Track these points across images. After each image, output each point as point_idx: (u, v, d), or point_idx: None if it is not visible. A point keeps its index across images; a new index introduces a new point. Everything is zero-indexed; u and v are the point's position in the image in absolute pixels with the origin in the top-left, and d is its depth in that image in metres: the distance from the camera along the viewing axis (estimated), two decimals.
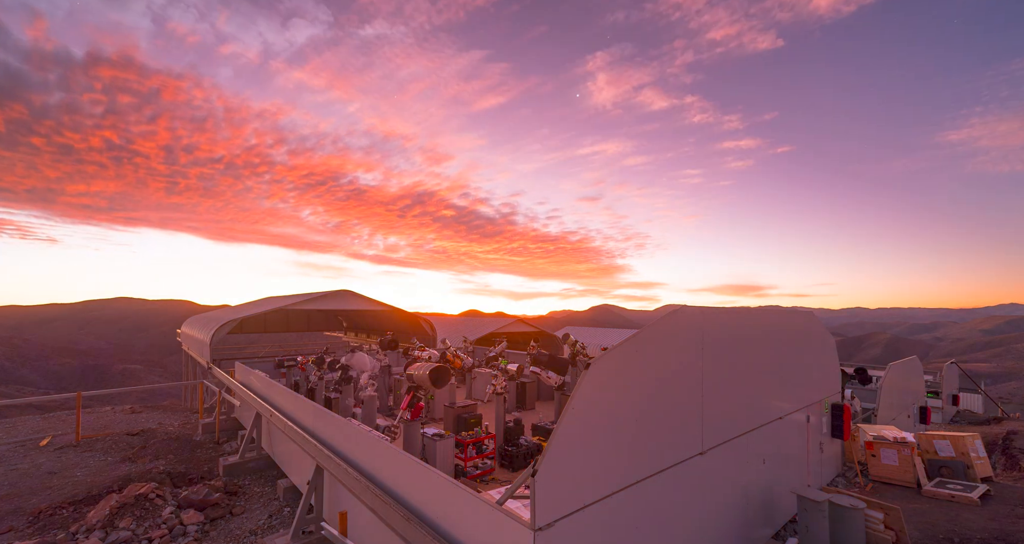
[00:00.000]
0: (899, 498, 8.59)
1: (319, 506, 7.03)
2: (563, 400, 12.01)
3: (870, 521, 6.66)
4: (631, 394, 4.76)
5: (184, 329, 24.77)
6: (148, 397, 54.66)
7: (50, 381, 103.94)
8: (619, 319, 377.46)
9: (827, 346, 9.60)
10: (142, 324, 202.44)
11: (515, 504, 4.22)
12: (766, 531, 6.98)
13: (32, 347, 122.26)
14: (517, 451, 9.88)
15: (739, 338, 6.65)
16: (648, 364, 5.00)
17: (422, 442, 9.01)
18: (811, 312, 9.26)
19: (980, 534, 6.98)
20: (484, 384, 15.97)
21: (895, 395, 13.90)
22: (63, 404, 27.12)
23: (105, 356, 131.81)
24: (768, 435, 7.19)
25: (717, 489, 6.00)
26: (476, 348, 22.51)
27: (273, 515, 8.48)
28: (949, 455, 9.68)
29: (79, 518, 8.17)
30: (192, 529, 7.92)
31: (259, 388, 11.50)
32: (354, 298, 21.43)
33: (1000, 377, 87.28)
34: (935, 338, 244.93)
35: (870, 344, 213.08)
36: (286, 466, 9.38)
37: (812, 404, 8.67)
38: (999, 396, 32.37)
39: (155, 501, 8.49)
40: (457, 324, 32.55)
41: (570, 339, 16.00)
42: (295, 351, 25.37)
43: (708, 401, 5.85)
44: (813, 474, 8.69)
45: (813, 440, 8.69)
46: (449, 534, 4.46)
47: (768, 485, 7.09)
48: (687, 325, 5.60)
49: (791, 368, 8.08)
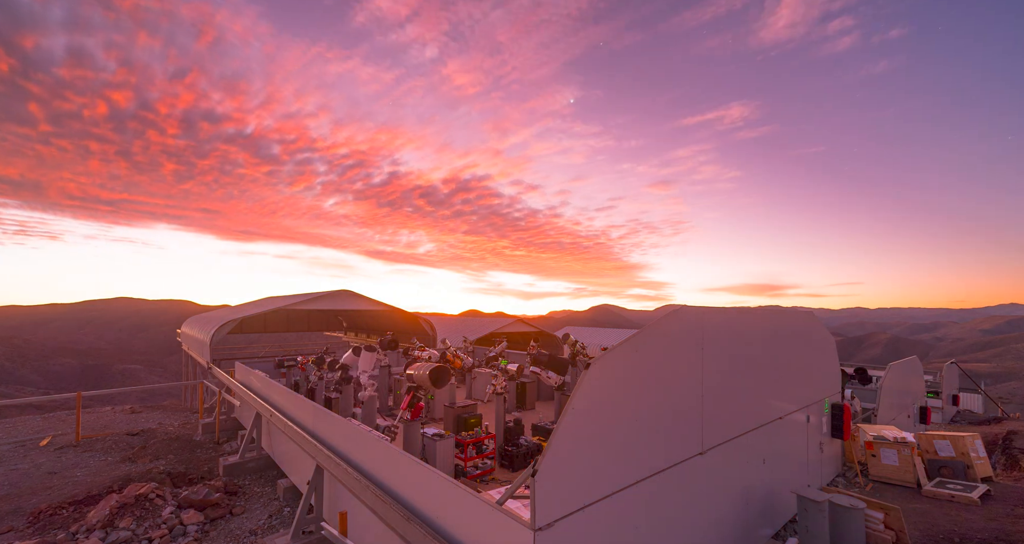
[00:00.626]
0: (899, 498, 8.59)
1: (319, 506, 7.03)
2: (563, 400, 12.01)
3: (870, 521, 6.66)
4: (631, 394, 4.76)
5: (184, 329, 24.78)
6: (148, 397, 54.65)
7: (50, 381, 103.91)
8: (619, 319, 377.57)
9: (827, 346, 9.60)
10: (142, 324, 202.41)
11: (515, 504, 4.22)
12: (766, 531, 6.98)
13: (32, 347, 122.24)
14: (517, 451, 9.88)
15: (739, 338, 6.65)
16: (648, 364, 4.99)
17: (422, 442, 9.01)
18: (811, 312, 9.26)
19: (980, 534, 6.98)
20: (484, 384, 15.96)
21: (895, 395, 13.90)
22: (63, 404, 27.12)
23: (105, 356, 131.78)
24: (768, 435, 7.18)
25: (717, 489, 6.00)
26: (476, 348, 22.50)
27: (273, 515, 8.48)
28: (949, 455, 9.68)
29: (79, 518, 8.17)
30: (192, 529, 7.92)
31: (259, 388, 11.50)
32: (354, 298, 21.42)
33: (1000, 377, 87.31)
34: (935, 338, 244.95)
35: (870, 344, 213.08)
36: (286, 466, 9.38)
37: (812, 404, 8.67)
38: (999, 396, 32.38)
39: (155, 501, 8.49)
40: (457, 324, 32.55)
41: (570, 339, 16.00)
42: (295, 351, 25.37)
43: (708, 401, 5.84)
44: (813, 474, 8.68)
45: (813, 440, 8.69)
46: (449, 534, 4.46)
47: (768, 485, 7.09)
48: (687, 325, 5.60)
49: (791, 368, 8.07)
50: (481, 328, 29.52)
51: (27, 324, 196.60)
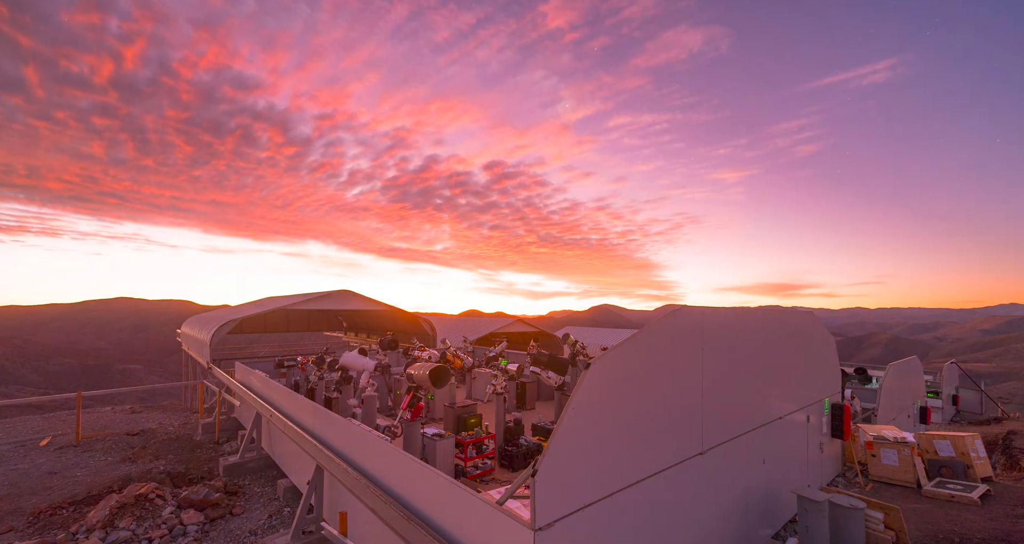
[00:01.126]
0: (899, 498, 8.59)
1: (319, 506, 7.03)
2: (563, 400, 12.01)
3: (870, 521, 6.66)
4: (631, 394, 4.76)
5: (184, 329, 24.79)
6: (148, 397, 54.67)
7: (50, 381, 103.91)
8: (619, 319, 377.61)
9: (827, 346, 9.60)
10: (142, 324, 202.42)
11: (515, 504, 4.22)
12: (766, 531, 6.98)
13: (32, 347, 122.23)
14: (517, 451, 9.88)
15: (739, 338, 6.65)
16: (648, 364, 4.99)
17: (422, 442, 9.01)
18: (811, 312, 9.27)
19: (980, 534, 6.98)
20: (484, 384, 15.96)
21: (895, 395, 13.90)
22: (63, 404, 27.13)
23: (105, 356, 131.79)
24: (768, 435, 7.18)
25: (717, 489, 6.00)
26: (476, 348, 22.51)
27: (273, 515, 8.48)
28: (949, 455, 9.67)
29: (79, 518, 8.17)
30: (192, 529, 7.92)
31: (259, 388, 11.50)
32: (354, 298, 21.43)
33: (1000, 377, 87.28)
34: (935, 338, 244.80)
35: (870, 344, 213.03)
36: (286, 466, 9.38)
37: (812, 404, 8.67)
38: (999, 396, 32.37)
39: (155, 501, 8.49)
40: (457, 324, 32.55)
41: (570, 339, 16.00)
42: (295, 351, 25.38)
43: (708, 401, 5.85)
44: (813, 474, 8.69)
45: (813, 440, 8.69)
46: (449, 534, 4.46)
47: (768, 485, 7.09)
48: (687, 325, 5.60)
49: (791, 368, 8.08)
50: (481, 328, 29.54)
51: (27, 324, 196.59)
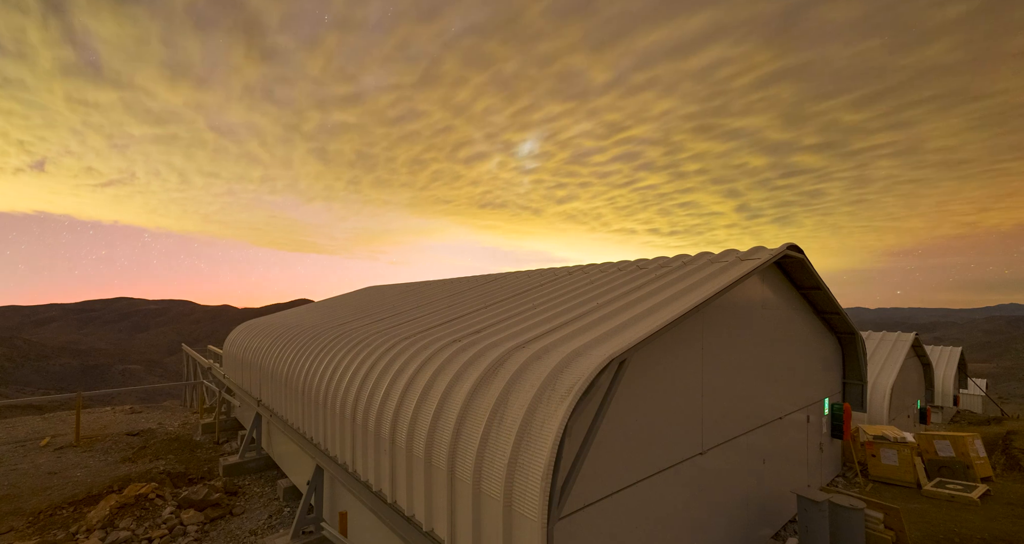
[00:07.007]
0: (899, 498, 8.59)
1: (319, 506, 7.03)
2: None
3: (870, 521, 6.66)
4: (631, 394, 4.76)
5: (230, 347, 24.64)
6: (148, 397, 54.61)
7: (50, 381, 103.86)
8: None
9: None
10: (142, 324, 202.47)
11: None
12: (766, 531, 6.98)
13: (32, 347, 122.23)
14: None
15: (740, 337, 6.65)
16: (648, 364, 4.99)
17: None
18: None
19: (980, 534, 6.98)
20: None
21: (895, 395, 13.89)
22: (63, 404, 27.14)
23: (105, 356, 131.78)
24: (768, 435, 7.19)
25: (717, 489, 6.01)
26: None
27: (273, 515, 8.48)
28: (949, 455, 9.68)
29: (79, 518, 8.17)
30: (192, 529, 7.92)
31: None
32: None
33: (1000, 377, 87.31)
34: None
35: None
36: (286, 466, 9.37)
37: (812, 404, 8.67)
38: (999, 396, 32.37)
39: (155, 501, 8.49)
40: None
41: None
42: None
43: (708, 401, 5.85)
44: (813, 474, 8.69)
45: (813, 440, 8.69)
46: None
47: (768, 485, 7.10)
48: (687, 325, 5.60)
49: (791, 368, 8.08)
50: None
51: (27, 324, 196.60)
